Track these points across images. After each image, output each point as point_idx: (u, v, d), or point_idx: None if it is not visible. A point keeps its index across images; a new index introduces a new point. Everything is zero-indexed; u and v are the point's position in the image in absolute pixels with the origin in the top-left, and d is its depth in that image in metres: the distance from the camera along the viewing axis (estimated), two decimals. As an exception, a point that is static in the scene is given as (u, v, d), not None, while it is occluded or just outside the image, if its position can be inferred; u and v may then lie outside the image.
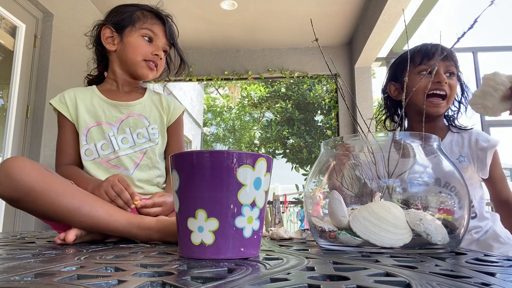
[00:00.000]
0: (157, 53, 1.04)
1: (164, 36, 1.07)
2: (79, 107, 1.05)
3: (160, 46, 1.06)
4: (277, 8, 3.35)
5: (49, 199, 0.66)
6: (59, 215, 0.67)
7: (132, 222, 0.70)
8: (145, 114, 1.09)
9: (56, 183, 0.68)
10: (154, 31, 1.05)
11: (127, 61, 1.05)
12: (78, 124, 1.04)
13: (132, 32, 1.04)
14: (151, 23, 1.05)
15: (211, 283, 0.30)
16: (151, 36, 1.05)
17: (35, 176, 0.66)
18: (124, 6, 1.08)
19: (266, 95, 8.00)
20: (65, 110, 1.05)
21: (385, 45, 3.46)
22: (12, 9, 2.39)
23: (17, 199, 0.66)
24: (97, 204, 0.71)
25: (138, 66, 1.04)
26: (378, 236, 0.53)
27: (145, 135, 1.08)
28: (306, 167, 6.96)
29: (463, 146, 1.09)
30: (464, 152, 1.08)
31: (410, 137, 0.63)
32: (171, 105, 1.14)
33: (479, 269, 0.37)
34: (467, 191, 0.59)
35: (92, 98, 1.07)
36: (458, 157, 1.07)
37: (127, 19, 1.05)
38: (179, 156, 0.48)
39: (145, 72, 1.06)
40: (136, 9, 1.06)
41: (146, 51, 1.03)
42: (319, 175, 0.67)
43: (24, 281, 0.31)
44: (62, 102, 1.05)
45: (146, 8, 1.07)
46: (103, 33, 1.06)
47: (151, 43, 1.05)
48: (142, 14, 1.06)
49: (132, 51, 1.03)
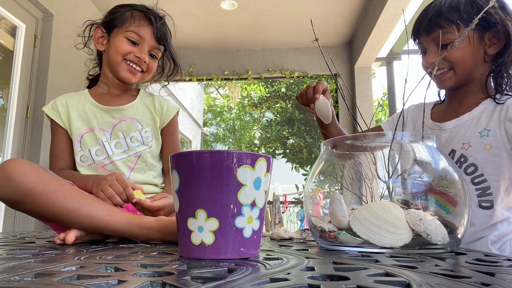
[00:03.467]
0: (139, 56, 1.01)
1: (152, 38, 1.03)
2: (71, 114, 1.04)
3: (146, 49, 1.03)
4: (277, 8, 3.35)
5: (48, 200, 0.65)
6: (59, 216, 0.67)
7: (132, 222, 0.70)
8: (138, 117, 1.08)
9: (55, 184, 0.67)
10: (140, 33, 1.02)
11: (110, 62, 1.04)
12: (71, 131, 1.04)
13: (118, 33, 1.02)
14: (138, 25, 1.02)
15: (211, 283, 0.30)
16: (136, 39, 1.02)
17: (34, 177, 0.66)
18: (120, 6, 1.07)
19: (266, 95, 7.99)
20: (57, 117, 1.05)
21: (385, 45, 3.46)
22: (12, 9, 2.39)
23: (17, 201, 0.66)
24: (97, 204, 0.70)
25: (119, 67, 1.02)
26: (379, 236, 0.53)
27: (138, 138, 1.07)
28: (306, 167, 6.96)
29: (492, 117, 0.89)
30: (491, 125, 0.88)
31: (409, 137, 0.63)
32: (164, 106, 1.13)
33: (479, 269, 0.37)
34: (467, 191, 0.59)
35: (84, 104, 1.07)
36: (482, 131, 0.89)
37: (117, 19, 1.03)
38: (179, 156, 0.48)
39: (127, 76, 1.03)
40: (128, 10, 1.04)
41: (126, 51, 1.01)
42: (319, 175, 0.67)
43: (24, 281, 0.31)
44: (55, 109, 1.05)
45: (138, 9, 1.04)
46: (94, 33, 1.05)
47: (136, 45, 1.02)
48: (131, 15, 1.04)
49: (114, 51, 1.02)
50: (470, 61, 0.89)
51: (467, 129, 0.92)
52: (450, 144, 0.93)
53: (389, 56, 3.92)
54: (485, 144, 0.88)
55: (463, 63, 0.89)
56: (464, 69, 0.90)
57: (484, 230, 0.87)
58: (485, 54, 0.89)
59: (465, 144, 0.90)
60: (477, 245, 0.87)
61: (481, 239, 0.87)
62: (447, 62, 0.90)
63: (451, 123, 0.95)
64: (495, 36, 0.87)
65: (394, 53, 3.92)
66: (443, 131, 0.96)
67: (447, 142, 0.94)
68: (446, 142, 0.94)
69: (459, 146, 0.91)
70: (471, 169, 0.89)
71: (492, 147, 0.87)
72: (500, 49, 0.88)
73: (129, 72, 1.03)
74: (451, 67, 0.90)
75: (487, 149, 0.87)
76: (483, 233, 0.87)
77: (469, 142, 0.90)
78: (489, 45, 0.89)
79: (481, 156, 0.88)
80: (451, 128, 0.95)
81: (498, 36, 0.87)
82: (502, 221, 0.87)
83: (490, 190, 0.87)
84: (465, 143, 0.90)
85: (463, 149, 0.90)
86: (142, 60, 1.02)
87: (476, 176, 0.88)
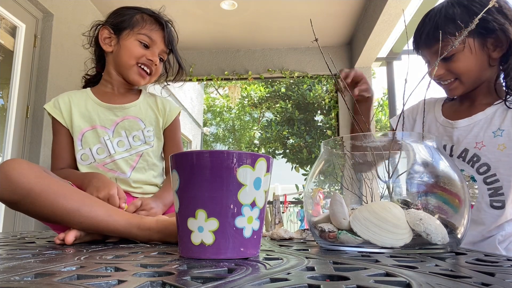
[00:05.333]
0: (151, 59, 1.03)
1: (162, 42, 1.05)
2: (73, 112, 1.04)
3: (156, 52, 1.04)
4: (277, 8, 3.35)
5: (48, 200, 0.65)
6: (59, 216, 0.67)
7: (132, 222, 0.70)
8: (141, 116, 1.08)
9: (54, 185, 0.67)
10: (152, 37, 1.03)
11: (121, 64, 1.04)
12: (72, 129, 1.04)
13: (129, 35, 1.03)
14: (150, 29, 1.04)
15: (211, 283, 0.30)
16: (148, 42, 1.03)
17: (33, 177, 0.66)
18: (126, 8, 1.07)
19: (266, 95, 8.00)
20: (59, 116, 1.04)
21: (385, 45, 3.46)
22: (12, 9, 2.39)
23: (16, 201, 0.66)
24: (96, 204, 0.70)
25: (130, 70, 1.03)
26: (379, 236, 0.53)
27: (140, 137, 1.07)
28: (306, 167, 6.97)
29: (506, 118, 0.89)
30: (505, 125, 0.89)
31: (409, 137, 0.63)
32: (167, 107, 1.13)
33: (479, 269, 0.37)
34: (467, 191, 0.59)
35: (86, 101, 1.06)
36: (495, 131, 0.90)
37: (126, 21, 1.04)
38: (179, 156, 0.48)
39: (137, 79, 1.05)
40: (137, 13, 1.05)
41: (140, 55, 1.02)
42: (319, 175, 0.67)
43: (24, 281, 0.31)
44: (56, 107, 1.05)
45: (147, 12, 1.06)
46: (101, 34, 1.05)
47: (147, 48, 1.04)
48: (142, 18, 1.04)
49: (127, 54, 1.02)
50: (475, 69, 0.90)
51: (480, 128, 0.92)
52: (463, 143, 0.94)
53: (389, 56, 3.92)
54: (498, 144, 0.88)
55: (469, 72, 0.90)
56: (470, 77, 0.91)
57: (492, 230, 0.88)
58: (490, 58, 0.89)
59: (478, 143, 0.91)
60: (485, 244, 0.88)
61: (489, 239, 0.88)
62: (452, 73, 0.91)
63: (464, 121, 0.95)
64: (498, 40, 0.87)
65: (394, 53, 3.92)
66: (455, 129, 0.96)
67: (459, 140, 0.94)
68: (458, 140, 0.94)
69: (472, 145, 0.92)
70: (484, 168, 0.89)
71: (505, 147, 0.87)
72: (505, 52, 0.88)
73: (139, 75, 1.05)
74: (457, 77, 0.91)
75: (500, 149, 0.88)
76: (491, 232, 0.88)
77: (482, 142, 0.90)
78: (492, 50, 0.89)
79: (494, 156, 0.88)
80: (463, 126, 0.95)
81: (502, 39, 0.87)
82: (509, 221, 0.88)
83: (502, 190, 0.87)
84: (478, 143, 0.91)
85: (476, 148, 0.91)
86: (153, 63, 1.04)
87: (489, 176, 0.88)
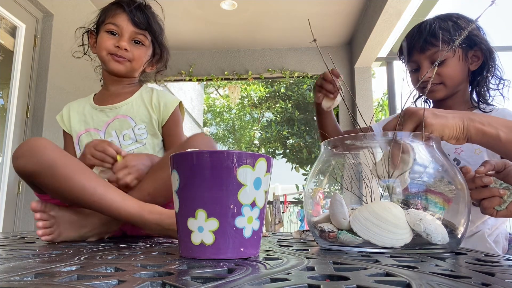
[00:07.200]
0: (118, 45, 1.01)
1: (129, 24, 1.01)
2: (72, 117, 1.09)
3: (125, 37, 1.01)
4: (277, 8, 3.35)
5: (68, 175, 0.68)
6: (75, 192, 0.68)
7: (144, 208, 0.72)
8: (131, 114, 1.07)
9: (75, 161, 0.71)
10: (117, 23, 1.01)
11: (100, 60, 1.06)
12: (71, 134, 1.09)
13: (101, 31, 1.04)
14: (113, 15, 1.02)
15: (211, 283, 0.30)
16: (115, 30, 1.01)
17: (57, 152, 0.70)
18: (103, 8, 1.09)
19: (266, 95, 8.00)
20: (63, 124, 1.11)
21: (385, 45, 3.46)
22: (12, 9, 2.39)
23: (38, 172, 0.68)
24: (111, 187, 0.73)
25: (107, 62, 1.04)
26: (379, 236, 0.53)
27: (131, 136, 1.06)
28: (306, 167, 6.97)
29: None
30: None
31: (409, 137, 0.63)
32: (162, 102, 1.09)
33: (479, 269, 0.37)
34: (467, 191, 0.59)
35: (85, 106, 1.10)
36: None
37: (99, 19, 1.06)
38: (179, 156, 0.48)
39: (115, 67, 1.03)
40: (106, 6, 1.05)
41: (107, 45, 1.01)
42: (319, 175, 0.67)
43: (24, 281, 0.31)
44: (61, 116, 1.12)
45: (115, 2, 1.04)
46: (90, 40, 1.09)
47: (117, 36, 1.02)
48: (107, 9, 1.05)
49: (99, 49, 1.04)
50: (459, 76, 1.01)
51: None
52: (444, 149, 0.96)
53: (389, 56, 3.92)
54: (475, 149, 0.99)
55: (454, 78, 1.01)
56: (454, 83, 1.01)
57: (479, 225, 0.98)
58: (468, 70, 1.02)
59: (457, 149, 1.01)
60: (475, 238, 0.97)
61: (477, 233, 0.97)
62: (439, 77, 1.01)
63: None
64: (475, 55, 1.01)
65: (394, 53, 3.91)
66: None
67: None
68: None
69: (452, 151, 1.02)
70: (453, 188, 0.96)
71: (481, 151, 0.98)
72: (479, 66, 1.01)
73: (116, 62, 1.03)
74: (442, 81, 1.01)
75: (477, 153, 0.99)
76: (478, 228, 0.98)
77: (461, 147, 1.01)
78: (470, 62, 1.01)
79: (472, 159, 0.98)
80: None
81: (478, 55, 1.00)
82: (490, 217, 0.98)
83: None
84: (457, 148, 1.01)
85: (456, 153, 1.01)
86: (121, 48, 1.01)
87: None
